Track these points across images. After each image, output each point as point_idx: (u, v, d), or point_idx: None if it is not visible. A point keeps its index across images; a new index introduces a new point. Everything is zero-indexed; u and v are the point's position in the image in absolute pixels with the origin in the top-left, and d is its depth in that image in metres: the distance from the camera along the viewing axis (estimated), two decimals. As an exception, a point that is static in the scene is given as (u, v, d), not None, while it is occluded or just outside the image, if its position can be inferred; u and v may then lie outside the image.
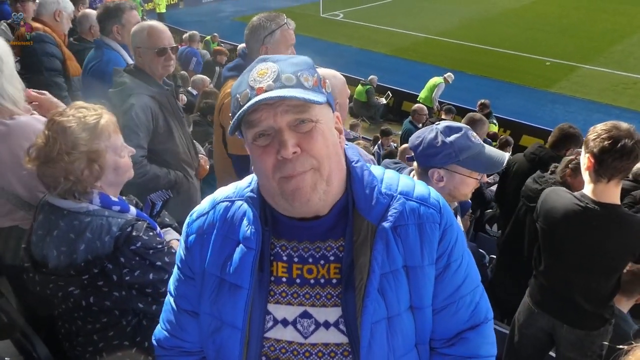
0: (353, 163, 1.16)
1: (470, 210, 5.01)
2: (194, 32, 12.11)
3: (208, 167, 3.37)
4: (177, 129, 2.97)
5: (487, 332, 1.22)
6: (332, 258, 1.12)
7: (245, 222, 1.15)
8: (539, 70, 17.09)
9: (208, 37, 15.30)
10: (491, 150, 1.99)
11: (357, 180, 1.13)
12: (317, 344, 1.11)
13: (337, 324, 1.11)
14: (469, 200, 3.30)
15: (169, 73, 2.97)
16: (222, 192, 1.26)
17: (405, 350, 1.13)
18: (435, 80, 12.85)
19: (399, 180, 1.19)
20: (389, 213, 1.11)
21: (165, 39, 2.84)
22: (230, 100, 2.85)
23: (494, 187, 5.72)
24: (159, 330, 1.32)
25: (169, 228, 2.12)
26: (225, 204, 1.21)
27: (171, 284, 1.30)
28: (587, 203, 2.37)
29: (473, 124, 4.92)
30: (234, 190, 1.23)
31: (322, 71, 2.43)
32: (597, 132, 2.30)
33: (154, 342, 1.33)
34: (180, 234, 2.09)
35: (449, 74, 13.09)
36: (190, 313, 1.25)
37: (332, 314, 1.11)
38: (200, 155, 3.33)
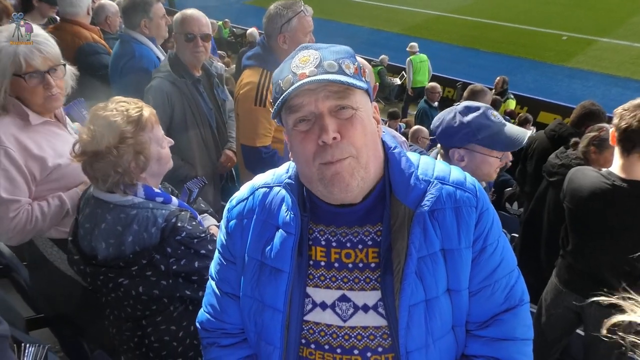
0: (391, 149, 1.19)
1: (493, 189, 5.03)
2: (212, 20, 12.08)
3: (230, 164, 3.35)
4: (193, 120, 3.00)
5: (522, 314, 1.22)
6: (370, 242, 1.15)
7: (284, 207, 1.19)
8: (556, 45, 16.79)
9: (220, 23, 15.27)
10: (512, 128, 2.01)
11: (394, 166, 1.16)
12: (356, 327, 1.14)
13: (376, 307, 1.13)
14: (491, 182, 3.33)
15: (199, 61, 3.01)
16: (261, 178, 1.30)
17: (442, 333, 1.16)
18: (422, 57, 12.61)
19: (435, 166, 1.22)
20: (426, 198, 1.12)
21: (195, 25, 2.90)
22: (247, 91, 2.84)
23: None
24: (202, 314, 1.38)
25: (206, 214, 2.19)
26: (263, 190, 1.25)
27: (212, 268, 1.35)
28: (614, 180, 2.38)
29: (474, 95, 4.93)
30: (272, 177, 1.27)
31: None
32: (626, 107, 2.31)
33: (197, 324, 1.39)
34: (215, 219, 2.19)
35: (411, 44, 12.90)
36: (232, 296, 1.30)
37: (371, 297, 1.14)
38: (225, 151, 3.32)
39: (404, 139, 2.97)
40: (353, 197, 1.13)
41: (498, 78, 10.92)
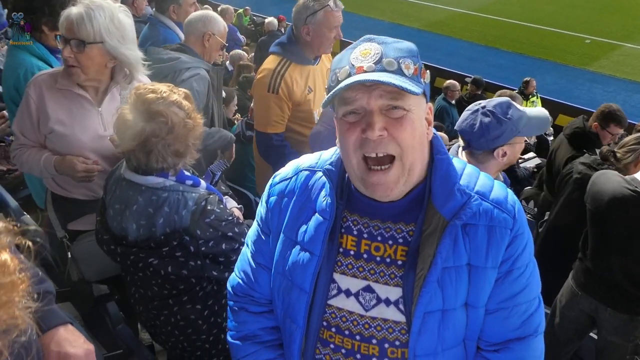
0: (438, 155, 1.17)
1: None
2: (227, 6, 11.99)
3: None
4: (217, 108, 3.11)
5: (535, 345, 1.22)
6: (400, 240, 1.16)
7: (322, 193, 1.21)
8: (579, 49, 16.53)
9: (240, 10, 15.25)
10: (532, 111, 2.10)
11: (438, 173, 1.15)
12: (376, 317, 1.17)
13: (397, 303, 1.16)
14: (508, 179, 3.31)
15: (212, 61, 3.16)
16: (306, 160, 1.32)
17: (453, 344, 1.17)
18: None
19: (478, 179, 1.21)
20: (463, 211, 1.12)
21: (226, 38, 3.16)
22: (262, 77, 2.93)
23: (527, 164, 5.65)
24: (234, 278, 1.42)
25: (227, 196, 2.24)
26: (306, 172, 1.28)
27: (249, 238, 1.39)
28: (637, 187, 2.38)
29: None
30: (317, 161, 1.28)
31: None
32: None
33: (228, 288, 1.43)
34: (235, 201, 2.24)
35: None
36: (264, 267, 1.33)
37: (393, 292, 1.16)
38: None
39: None
40: (393, 198, 1.15)
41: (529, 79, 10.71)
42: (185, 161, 1.76)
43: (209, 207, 1.70)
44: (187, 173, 1.81)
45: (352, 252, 1.20)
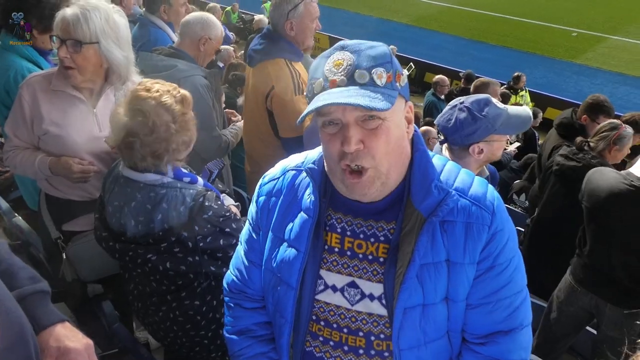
0: (417, 152, 1.19)
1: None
2: (215, 4, 11.96)
3: None
4: (218, 111, 3.10)
5: (520, 338, 1.23)
6: (382, 238, 1.19)
7: (307, 191, 1.25)
8: (565, 42, 16.74)
9: (228, 8, 15.20)
10: (513, 109, 2.08)
11: (417, 171, 1.17)
12: (362, 312, 1.21)
13: (380, 298, 1.19)
14: (498, 175, 3.33)
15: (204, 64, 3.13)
16: (294, 160, 1.35)
17: (436, 336, 1.20)
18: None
19: (458, 175, 1.22)
20: (440, 208, 1.13)
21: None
22: (286, 84, 2.87)
23: (507, 149, 5.69)
24: (229, 275, 1.46)
25: (224, 194, 2.24)
26: (293, 172, 1.31)
27: (242, 237, 1.43)
28: (633, 181, 2.41)
29: (483, 88, 4.91)
30: (304, 160, 1.31)
31: None
32: None
33: (224, 285, 1.47)
34: (232, 199, 2.25)
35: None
36: (256, 265, 1.37)
37: (376, 288, 1.19)
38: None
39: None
40: (372, 199, 1.17)
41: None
42: (163, 164, 1.74)
43: (206, 204, 1.71)
44: (184, 170, 1.81)
45: (336, 249, 1.23)
